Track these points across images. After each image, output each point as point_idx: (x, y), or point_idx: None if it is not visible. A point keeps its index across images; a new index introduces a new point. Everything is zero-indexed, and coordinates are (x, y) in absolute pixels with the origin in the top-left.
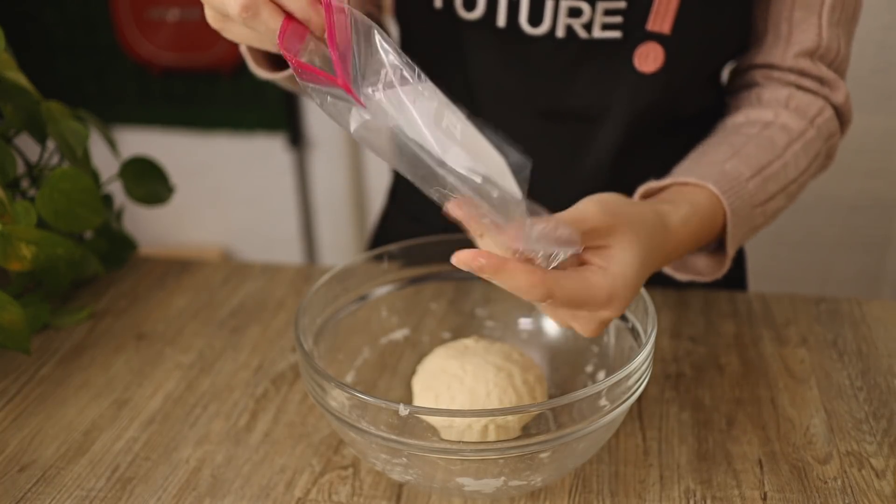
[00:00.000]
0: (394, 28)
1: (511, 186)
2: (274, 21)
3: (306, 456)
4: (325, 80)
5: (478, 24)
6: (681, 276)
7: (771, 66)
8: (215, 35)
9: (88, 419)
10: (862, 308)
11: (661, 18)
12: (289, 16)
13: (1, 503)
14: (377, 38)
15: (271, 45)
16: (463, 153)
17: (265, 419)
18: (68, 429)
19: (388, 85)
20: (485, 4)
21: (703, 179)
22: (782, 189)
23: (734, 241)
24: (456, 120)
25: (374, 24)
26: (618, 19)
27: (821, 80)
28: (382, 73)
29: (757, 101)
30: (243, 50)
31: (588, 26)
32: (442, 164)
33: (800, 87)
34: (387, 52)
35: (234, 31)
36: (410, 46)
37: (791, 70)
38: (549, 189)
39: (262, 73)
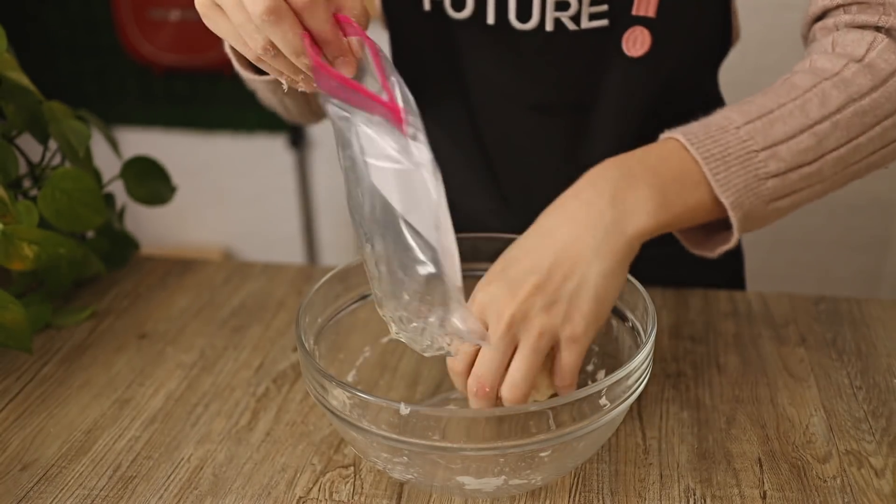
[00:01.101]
0: (383, 34)
1: (455, 272)
2: (293, 32)
3: (307, 455)
4: (371, 101)
5: (468, 23)
6: (702, 252)
7: (825, 12)
8: (217, 35)
9: (90, 418)
10: (861, 308)
11: (646, 2)
12: (306, 34)
13: (3, 502)
14: (404, 86)
15: (246, 49)
16: (437, 216)
17: (266, 418)
18: (70, 428)
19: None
20: (473, 3)
21: (674, 133)
22: (802, 129)
23: (728, 190)
24: (439, 184)
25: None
26: (604, 8)
27: (882, 5)
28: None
29: (806, 56)
30: (227, 48)
31: (576, 18)
32: (406, 220)
33: (853, 26)
34: (411, 100)
35: (219, 23)
36: (401, 50)
37: (844, 5)
38: (549, 181)
39: (245, 73)
